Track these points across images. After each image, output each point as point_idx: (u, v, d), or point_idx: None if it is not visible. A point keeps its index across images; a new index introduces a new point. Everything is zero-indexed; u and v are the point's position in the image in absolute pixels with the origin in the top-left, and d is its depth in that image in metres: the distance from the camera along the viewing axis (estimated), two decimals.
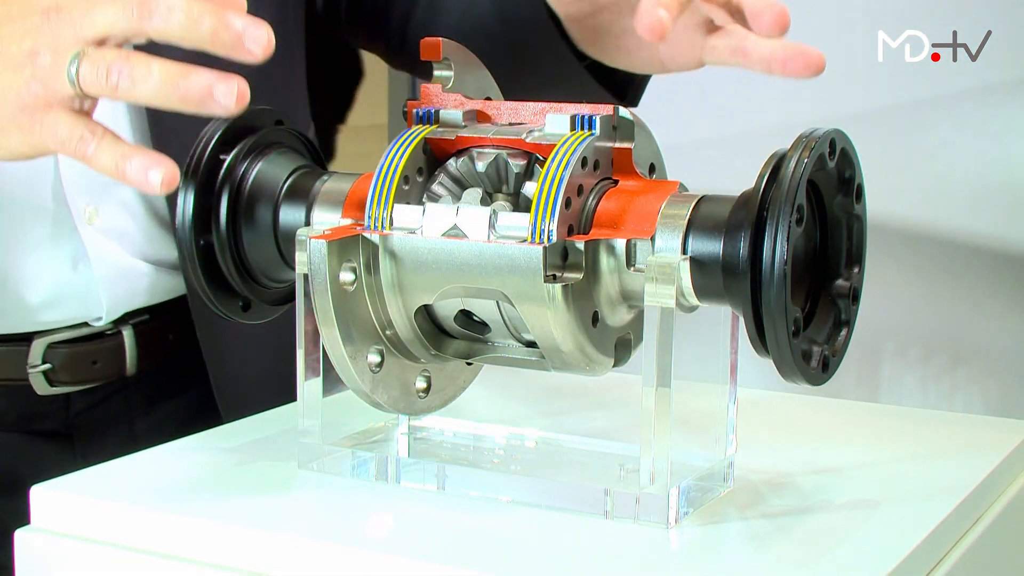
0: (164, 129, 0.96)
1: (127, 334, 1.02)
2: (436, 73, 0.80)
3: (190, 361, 1.05)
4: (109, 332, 1.02)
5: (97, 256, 0.99)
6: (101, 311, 1.00)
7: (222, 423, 0.93)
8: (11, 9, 0.73)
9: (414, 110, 0.79)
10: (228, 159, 0.80)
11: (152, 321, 1.04)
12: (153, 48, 0.75)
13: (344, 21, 1.18)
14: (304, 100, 1.17)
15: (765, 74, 0.82)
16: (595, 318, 0.74)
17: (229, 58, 0.70)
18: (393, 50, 1.17)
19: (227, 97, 0.69)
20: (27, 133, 0.73)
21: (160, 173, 0.71)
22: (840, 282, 0.74)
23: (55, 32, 0.72)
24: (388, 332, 0.77)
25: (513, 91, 0.83)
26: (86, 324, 1.01)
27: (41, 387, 1.00)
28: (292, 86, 1.13)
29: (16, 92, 0.72)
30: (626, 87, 1.00)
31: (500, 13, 1.03)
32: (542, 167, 0.73)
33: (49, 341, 0.99)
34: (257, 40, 0.70)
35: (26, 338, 0.99)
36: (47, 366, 0.99)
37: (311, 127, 1.17)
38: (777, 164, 0.69)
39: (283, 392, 0.91)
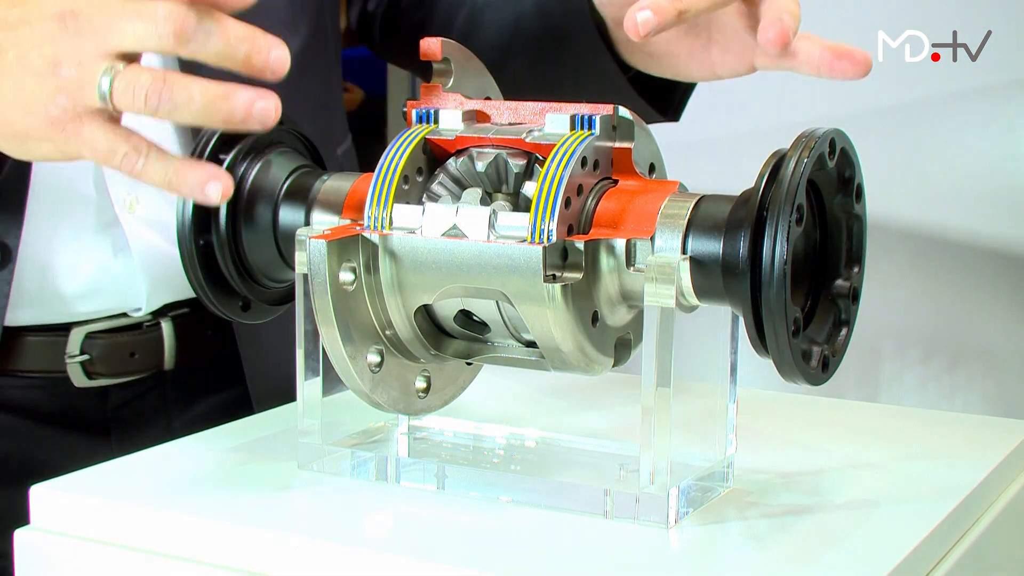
0: None
1: (166, 327, 1.03)
2: (436, 71, 0.80)
3: (228, 358, 1.05)
4: (148, 324, 1.02)
5: (137, 245, 0.99)
6: (141, 301, 1.01)
7: (262, 413, 0.93)
8: (26, 10, 0.73)
9: (414, 110, 0.79)
10: (228, 159, 0.80)
11: (191, 315, 1.04)
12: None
13: (378, 38, 1.18)
14: (341, 110, 1.17)
15: (814, 76, 0.81)
16: (595, 318, 0.74)
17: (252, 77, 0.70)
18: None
19: (266, 114, 0.69)
20: (61, 144, 0.73)
21: (218, 186, 0.71)
22: (840, 282, 0.74)
23: (75, 42, 0.71)
24: (388, 332, 0.77)
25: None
26: (125, 315, 1.01)
27: (79, 379, 1.00)
28: (329, 97, 1.14)
29: (43, 104, 0.72)
30: (668, 101, 0.98)
31: (545, 25, 1.01)
32: (542, 167, 0.73)
33: (87, 331, 0.99)
34: (280, 60, 0.70)
35: (64, 328, 0.99)
36: (85, 357, 1.00)
37: (348, 137, 1.17)
38: (777, 164, 0.69)
39: None
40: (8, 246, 0.94)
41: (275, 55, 0.69)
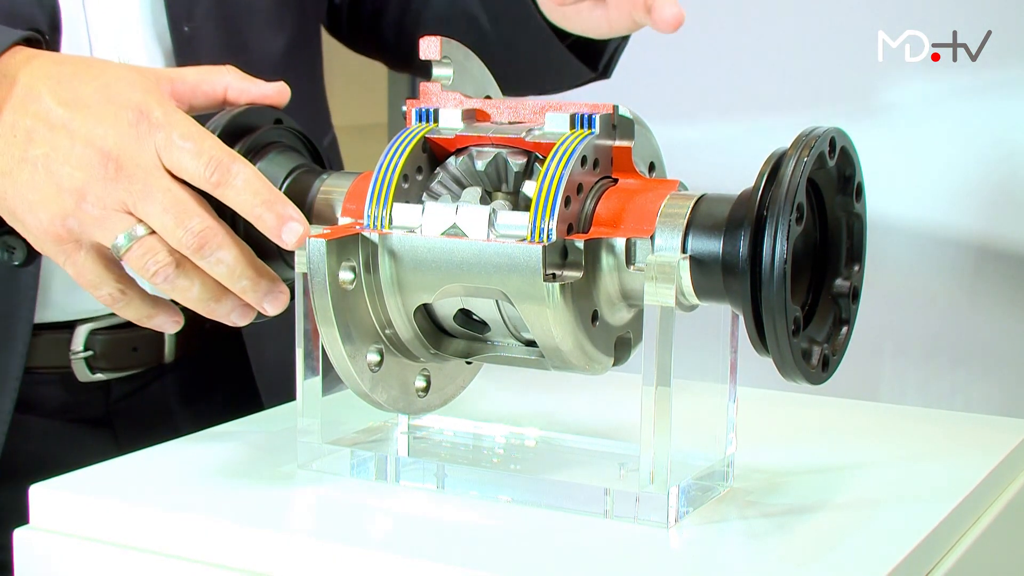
0: None
1: None
2: (435, 72, 0.79)
3: (227, 351, 1.06)
4: None
5: None
6: None
7: (262, 412, 0.95)
8: (72, 118, 0.76)
9: (413, 109, 0.79)
10: None
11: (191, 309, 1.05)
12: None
13: (345, 29, 1.19)
14: (324, 104, 1.18)
15: (657, 30, 0.86)
16: (594, 317, 0.74)
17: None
18: (390, 52, 1.19)
19: (243, 319, 0.79)
20: (53, 254, 0.78)
21: (173, 326, 0.82)
22: (840, 281, 0.74)
23: (108, 187, 0.75)
24: (387, 331, 0.77)
25: (498, 77, 0.85)
26: None
27: (82, 374, 1.01)
28: (314, 91, 1.15)
29: (51, 215, 0.76)
30: (598, 59, 1.08)
31: None
32: (542, 166, 0.73)
33: (92, 328, 1.00)
34: (272, 306, 0.78)
35: (69, 325, 1.00)
36: (89, 353, 1.01)
37: (332, 129, 1.18)
38: (777, 163, 0.69)
39: None
40: None
41: (273, 296, 0.78)
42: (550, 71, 1.09)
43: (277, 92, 0.83)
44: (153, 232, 0.76)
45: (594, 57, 1.08)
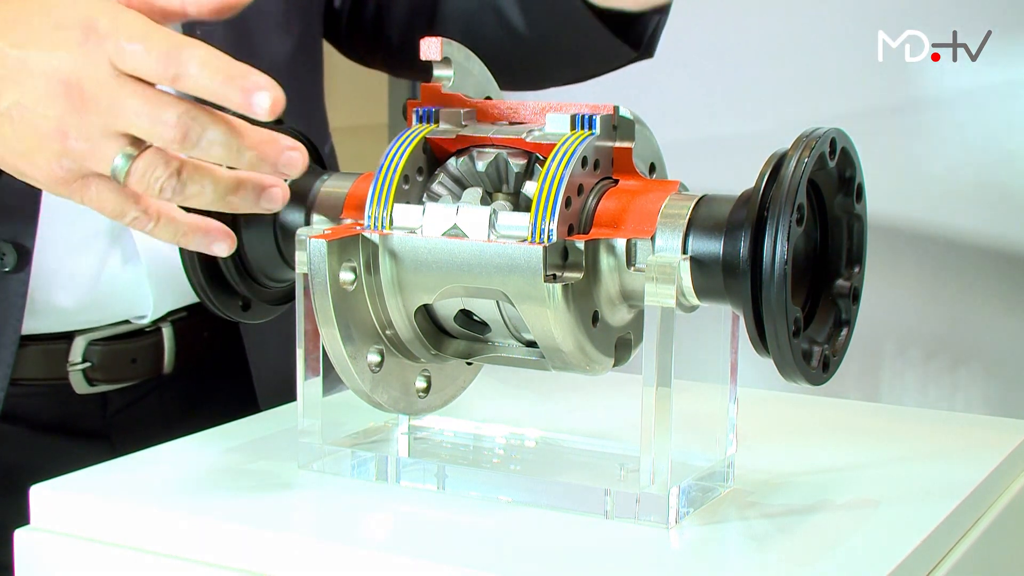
0: None
1: (166, 331, 1.02)
2: (436, 73, 0.80)
3: (225, 360, 1.05)
4: (149, 329, 1.02)
5: (147, 253, 0.99)
6: (147, 309, 1.01)
7: (262, 412, 0.94)
8: (26, 57, 0.72)
9: (414, 110, 0.79)
10: None
11: (190, 318, 1.04)
12: None
13: (344, 34, 1.18)
14: (324, 111, 1.17)
15: None
16: (595, 318, 0.74)
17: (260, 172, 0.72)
18: (394, 55, 1.18)
19: (273, 202, 0.72)
20: (67, 195, 0.73)
21: (224, 245, 0.74)
22: (840, 282, 0.74)
23: (81, 116, 0.71)
24: (388, 332, 0.77)
25: (536, 68, 0.83)
26: (127, 321, 1.01)
27: (80, 386, 1.00)
28: (315, 98, 1.15)
29: (47, 162, 0.72)
30: (639, 38, 1.03)
31: None
32: (542, 166, 0.73)
33: (90, 339, 1.00)
34: (293, 160, 0.70)
35: (67, 336, 0.99)
36: (87, 364, 1.00)
37: (329, 140, 1.18)
38: (777, 164, 0.69)
39: None
40: (26, 247, 0.94)
41: (286, 157, 0.69)
42: (590, 54, 1.05)
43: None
44: (144, 149, 0.71)
45: (635, 36, 1.04)
